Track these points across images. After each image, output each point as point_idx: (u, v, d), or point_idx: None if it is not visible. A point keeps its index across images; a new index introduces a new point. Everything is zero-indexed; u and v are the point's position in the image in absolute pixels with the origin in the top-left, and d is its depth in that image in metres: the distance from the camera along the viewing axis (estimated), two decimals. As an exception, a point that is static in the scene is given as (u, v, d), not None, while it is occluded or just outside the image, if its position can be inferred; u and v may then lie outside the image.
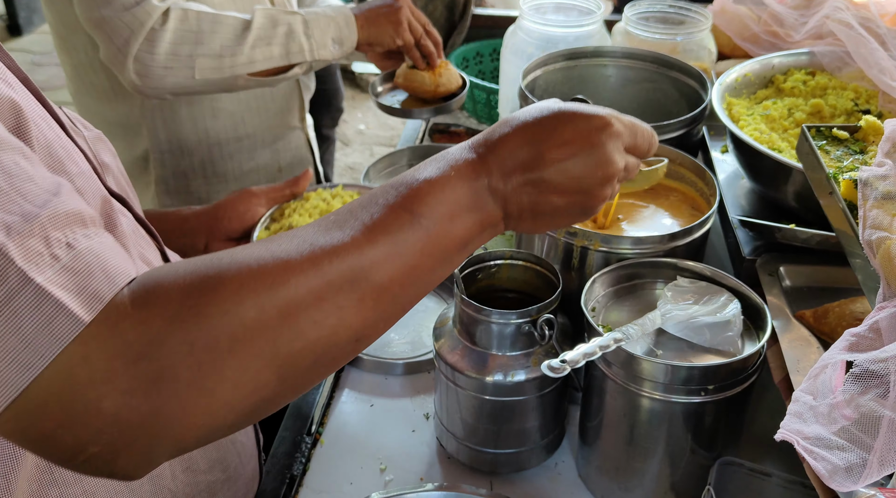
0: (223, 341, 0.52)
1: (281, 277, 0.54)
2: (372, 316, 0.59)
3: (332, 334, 0.56)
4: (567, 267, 1.01)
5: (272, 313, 0.54)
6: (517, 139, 0.66)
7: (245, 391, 0.54)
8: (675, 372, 0.83)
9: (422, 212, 0.61)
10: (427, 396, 1.12)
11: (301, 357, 0.56)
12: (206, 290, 0.53)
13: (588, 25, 1.40)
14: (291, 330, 0.55)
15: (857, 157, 0.80)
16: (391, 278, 0.59)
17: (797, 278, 0.99)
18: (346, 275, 0.57)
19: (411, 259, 0.60)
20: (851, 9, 1.35)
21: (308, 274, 0.55)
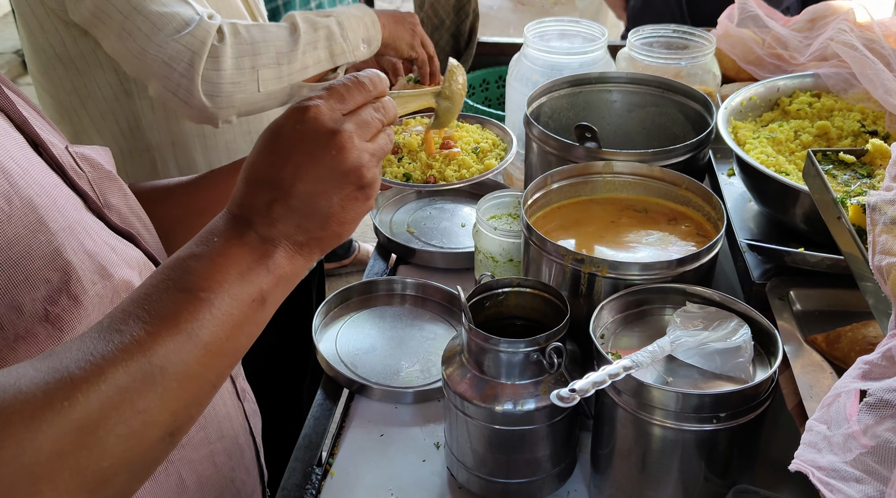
0: (23, 483, 0.49)
1: (68, 397, 0.51)
2: (180, 404, 0.57)
3: (140, 440, 0.54)
4: (575, 294, 1.00)
5: (69, 439, 0.50)
6: (251, 182, 0.66)
7: None
8: (686, 400, 0.82)
9: (203, 288, 0.59)
10: (437, 425, 1.11)
11: (113, 474, 0.53)
12: (14, 420, 0.49)
13: (592, 52, 1.41)
14: (94, 450, 0.52)
15: (864, 181, 0.79)
16: (190, 362, 0.57)
17: (808, 302, 0.98)
18: (138, 376, 0.54)
19: (207, 338, 0.58)
20: (856, 30, 1.35)
21: (97, 387, 0.52)
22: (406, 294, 1.34)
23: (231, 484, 0.92)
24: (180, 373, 0.56)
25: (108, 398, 0.52)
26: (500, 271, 1.23)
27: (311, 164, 0.65)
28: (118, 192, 0.88)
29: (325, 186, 0.66)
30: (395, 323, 1.29)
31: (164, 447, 0.57)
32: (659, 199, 1.15)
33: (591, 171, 1.16)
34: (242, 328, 0.61)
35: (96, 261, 0.70)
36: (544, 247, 1.01)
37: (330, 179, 0.66)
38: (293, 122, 0.66)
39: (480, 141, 1.18)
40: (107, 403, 0.52)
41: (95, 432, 0.52)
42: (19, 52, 5.27)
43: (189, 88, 1.19)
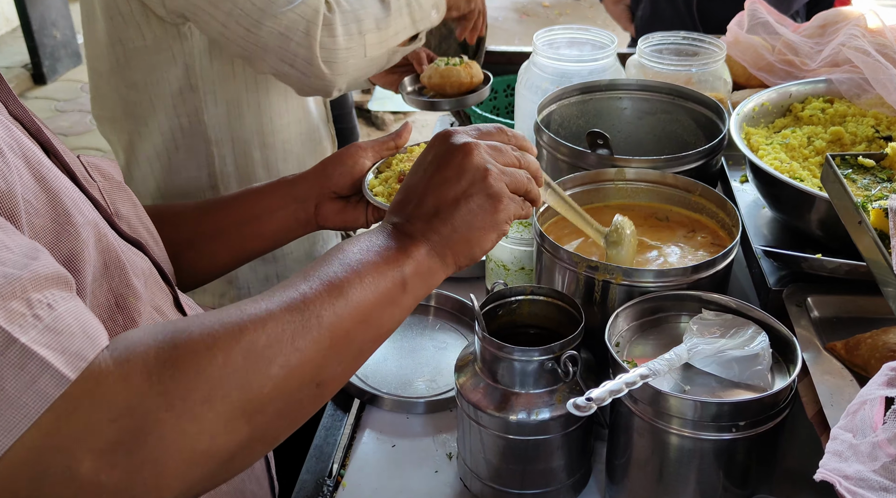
0: (197, 393, 0.55)
1: (243, 328, 0.59)
2: (330, 355, 0.63)
3: (294, 376, 0.61)
4: (589, 301, 0.99)
5: (239, 361, 0.57)
6: (403, 193, 0.78)
7: (220, 441, 0.56)
8: (704, 408, 0.81)
9: (357, 261, 0.69)
10: (450, 435, 1.09)
11: (269, 401, 0.59)
12: (179, 347, 0.56)
13: (602, 59, 1.40)
14: (258, 374, 0.58)
15: (884, 184, 0.78)
16: (342, 321, 0.64)
17: (826, 309, 0.97)
18: (299, 320, 0.62)
19: (357, 303, 0.66)
20: (867, 36, 1.34)
21: (264, 322, 0.60)
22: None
23: (241, 495, 0.91)
24: (333, 326, 0.64)
25: (272, 332, 0.60)
26: (511, 280, 1.22)
27: (441, 170, 0.76)
28: (128, 202, 0.89)
29: (453, 190, 0.75)
30: (405, 333, 1.28)
31: (312, 397, 0.63)
32: (672, 205, 1.14)
33: (604, 178, 1.15)
34: (386, 306, 0.69)
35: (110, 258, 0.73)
36: (557, 254, 1.00)
37: (456, 182, 0.75)
38: (437, 137, 0.78)
39: None
40: (271, 335, 0.60)
41: (262, 358, 0.58)
42: (27, 65, 5.30)
43: (308, 57, 1.21)
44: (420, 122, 4.82)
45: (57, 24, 5.31)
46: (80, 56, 5.64)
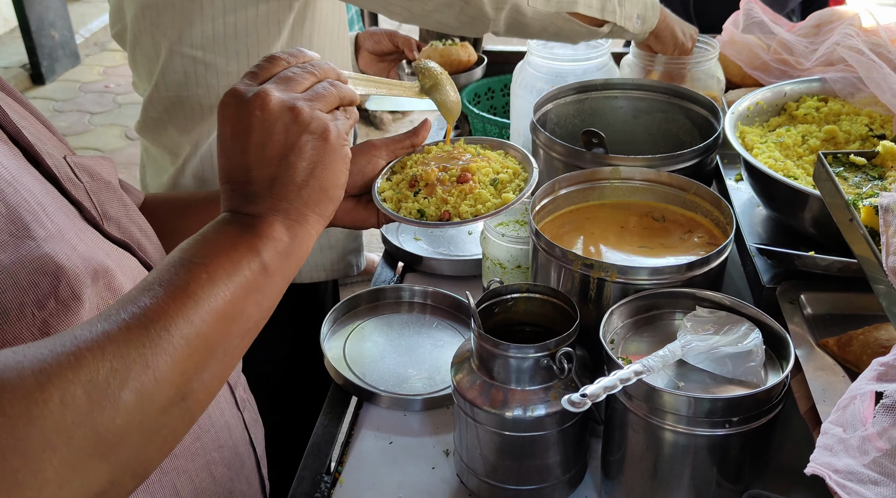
0: (35, 443, 0.48)
1: (76, 355, 0.52)
2: (190, 365, 0.58)
3: (152, 398, 0.55)
4: (584, 299, 1.00)
5: (81, 395, 0.51)
6: (224, 183, 0.71)
7: (75, 486, 0.50)
8: (698, 404, 0.82)
9: (202, 258, 0.62)
10: (446, 432, 1.10)
11: (126, 432, 0.53)
12: (7, 390, 0.49)
13: (596, 58, 1.41)
14: (107, 406, 0.52)
15: (875, 182, 0.79)
16: (196, 325, 0.58)
17: (819, 306, 0.98)
18: (147, 336, 0.56)
19: (212, 301, 0.60)
20: (862, 35, 1.35)
21: (105, 345, 0.53)
22: (414, 302, 1.34)
23: (230, 495, 0.90)
24: (186, 336, 0.57)
25: (116, 355, 0.53)
26: (508, 278, 1.23)
27: (245, 136, 0.68)
28: (117, 203, 0.87)
29: (275, 148, 0.68)
30: (402, 331, 1.29)
31: (180, 415, 0.57)
32: (667, 204, 1.15)
33: (599, 177, 1.16)
34: (248, 298, 0.63)
35: (90, 265, 0.69)
36: (553, 252, 1.01)
37: (272, 138, 0.68)
38: (220, 116, 0.70)
39: (500, 171, 1.08)
40: (116, 359, 0.53)
41: (107, 388, 0.52)
42: (26, 65, 5.31)
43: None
44: (418, 121, 4.83)
45: (55, 25, 5.31)
46: (79, 56, 5.65)
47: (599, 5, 1.31)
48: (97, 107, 5.09)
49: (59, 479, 0.49)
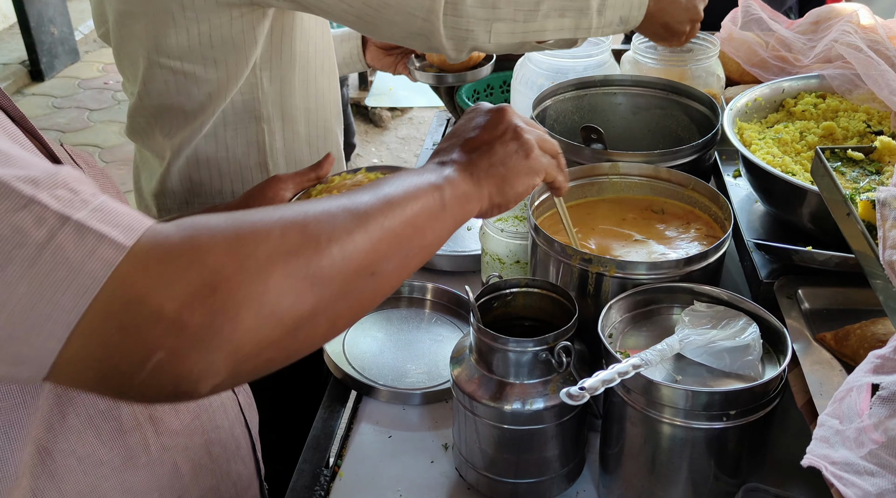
0: (262, 256, 0.58)
1: (303, 214, 0.63)
2: (381, 252, 0.67)
3: (350, 260, 0.64)
4: (583, 294, 1.00)
5: (297, 239, 0.61)
6: (445, 140, 0.86)
7: (286, 303, 0.59)
8: (695, 397, 0.82)
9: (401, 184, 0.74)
10: (445, 427, 1.11)
11: (329, 277, 0.62)
12: (239, 223, 0.60)
13: (597, 55, 1.42)
14: (317, 250, 0.62)
15: (873, 177, 0.79)
16: (393, 224, 0.69)
17: (816, 301, 0.98)
18: (354, 216, 0.66)
19: (405, 212, 0.71)
20: (860, 32, 1.36)
21: (322, 214, 0.64)
22: (413, 297, 1.34)
23: (227, 476, 0.92)
24: (383, 226, 0.68)
25: (330, 221, 0.64)
26: (506, 273, 1.23)
27: (477, 120, 0.86)
28: (112, 190, 0.90)
29: (489, 134, 0.84)
30: (401, 325, 1.29)
31: (366, 286, 0.67)
32: (666, 199, 1.15)
33: (598, 173, 1.16)
34: (428, 218, 0.74)
35: None
36: (552, 247, 1.02)
37: (492, 129, 0.84)
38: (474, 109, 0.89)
39: None
40: (328, 223, 0.64)
41: (318, 238, 0.62)
42: (25, 62, 5.30)
43: (433, 32, 1.21)
44: (417, 118, 4.83)
45: (54, 21, 5.30)
46: (78, 53, 5.64)
47: (572, 27, 1.27)
48: (96, 103, 5.09)
49: (279, 291, 0.58)
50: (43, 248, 0.52)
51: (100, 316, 0.53)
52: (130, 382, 0.55)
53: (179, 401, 0.60)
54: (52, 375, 0.55)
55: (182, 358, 0.55)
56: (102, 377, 0.56)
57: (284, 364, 0.63)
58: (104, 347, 0.54)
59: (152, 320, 0.54)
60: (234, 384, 0.60)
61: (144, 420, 0.81)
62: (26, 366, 0.54)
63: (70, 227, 0.53)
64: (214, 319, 0.55)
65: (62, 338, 0.53)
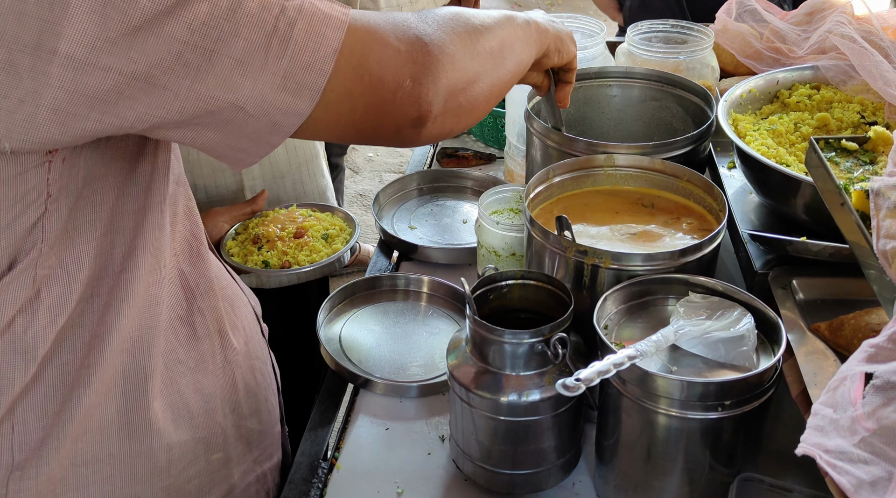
0: (453, 39, 0.80)
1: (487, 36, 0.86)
2: (495, 54, 0.87)
3: (507, 74, 0.90)
4: (578, 285, 1.00)
5: (465, 30, 0.82)
6: None
7: (464, 65, 0.80)
8: (691, 388, 0.83)
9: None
10: (442, 418, 1.11)
11: (487, 53, 0.85)
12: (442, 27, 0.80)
13: (591, 48, 1.41)
14: (479, 37, 0.84)
15: (867, 167, 0.80)
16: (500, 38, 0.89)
17: (810, 291, 0.99)
18: (476, 31, 0.84)
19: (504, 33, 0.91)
20: (854, 23, 1.36)
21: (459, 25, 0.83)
22: (409, 290, 1.35)
23: (266, 403, 1.05)
24: (497, 37, 0.88)
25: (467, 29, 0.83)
26: (502, 265, 1.23)
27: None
28: None
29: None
30: (398, 318, 1.29)
31: (503, 65, 0.90)
32: (661, 191, 1.16)
33: (593, 165, 1.16)
34: (529, 35, 0.97)
35: None
36: (547, 239, 1.02)
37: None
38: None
39: (329, 228, 1.43)
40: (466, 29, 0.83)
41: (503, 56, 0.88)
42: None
43: None
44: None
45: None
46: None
47: None
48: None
49: (460, 58, 0.80)
50: (300, 9, 0.68)
51: (358, 47, 0.71)
52: (384, 108, 0.74)
53: (417, 129, 0.78)
54: (321, 105, 0.71)
55: (419, 83, 0.75)
56: (365, 88, 0.73)
57: (476, 111, 0.85)
58: (364, 79, 0.72)
59: (399, 55, 0.74)
60: (447, 121, 0.80)
61: (214, 331, 0.95)
62: (302, 96, 0.69)
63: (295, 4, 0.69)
64: (434, 64, 0.76)
65: (328, 70, 0.69)
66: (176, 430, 0.90)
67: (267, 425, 1.05)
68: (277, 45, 0.67)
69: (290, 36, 0.67)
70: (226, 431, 0.97)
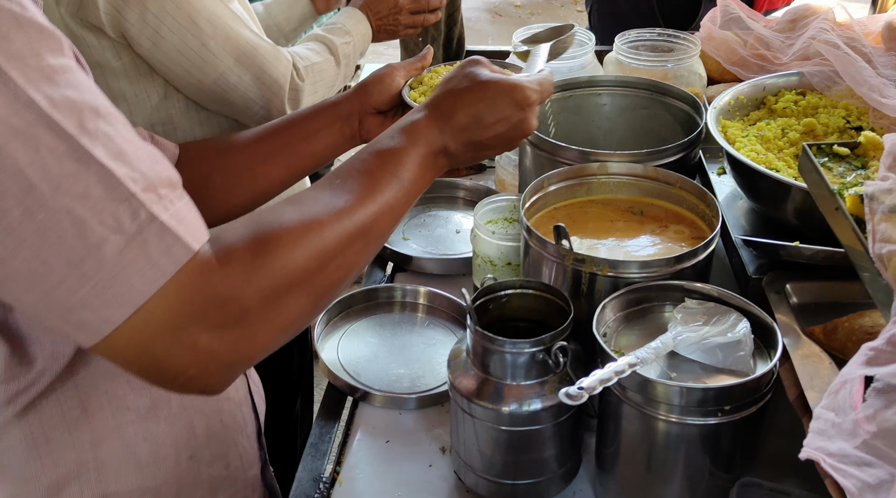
0: (283, 286, 0.69)
1: (316, 232, 0.73)
2: (371, 253, 0.80)
3: (348, 272, 0.76)
4: (576, 293, 1.01)
5: (313, 262, 0.72)
6: (463, 110, 0.88)
7: (293, 318, 0.71)
8: (690, 394, 0.84)
9: (402, 175, 0.83)
10: (442, 429, 1.11)
11: (329, 290, 0.75)
12: (268, 248, 0.69)
13: (580, 57, 1.43)
14: (325, 273, 0.73)
15: (859, 172, 0.81)
16: (384, 226, 0.80)
17: (804, 295, 1.00)
18: (359, 227, 0.76)
19: (396, 210, 0.82)
20: (837, 29, 1.38)
21: (335, 229, 0.74)
22: (406, 301, 1.35)
23: (235, 446, 0.98)
24: (378, 231, 0.79)
25: (342, 239, 0.74)
26: (498, 275, 1.24)
27: (509, 132, 0.90)
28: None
29: (498, 145, 0.91)
30: (395, 330, 1.29)
31: (352, 281, 0.79)
32: (654, 198, 1.17)
33: (587, 173, 1.17)
34: (411, 202, 0.85)
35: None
36: (545, 248, 1.02)
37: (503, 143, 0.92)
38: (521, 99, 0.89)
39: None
40: (340, 242, 0.74)
41: (330, 261, 0.73)
42: None
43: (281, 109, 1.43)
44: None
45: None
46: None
47: (343, 79, 1.55)
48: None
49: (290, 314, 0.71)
50: (132, 239, 0.62)
51: (151, 324, 0.63)
52: (166, 385, 0.67)
53: (205, 395, 0.71)
54: (102, 346, 0.64)
55: (210, 376, 0.67)
56: (146, 377, 0.66)
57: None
58: (149, 357, 0.64)
59: (188, 348, 0.64)
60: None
61: None
62: (84, 332, 0.63)
63: (156, 225, 0.63)
64: (239, 345, 0.67)
65: (125, 316, 0.62)
66: (117, 480, 0.86)
67: (236, 470, 0.99)
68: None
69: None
70: (181, 479, 0.91)
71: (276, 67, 1.39)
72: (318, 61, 1.47)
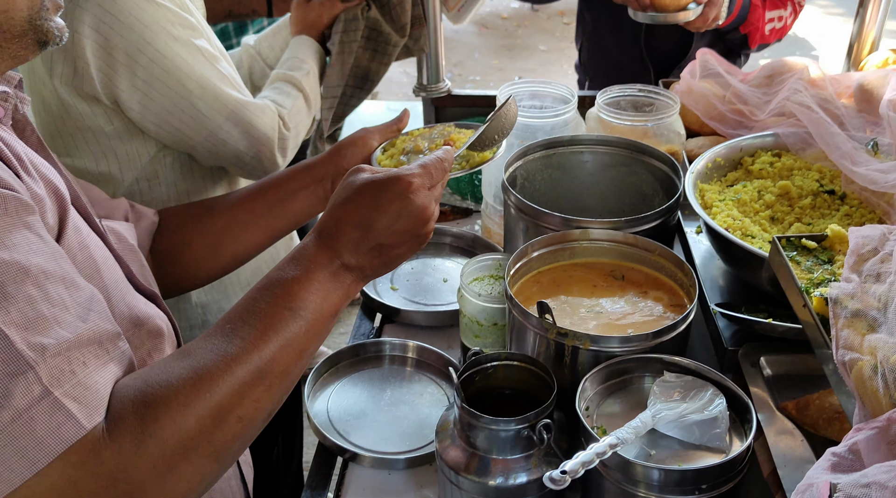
0: (177, 453, 0.66)
1: (207, 388, 0.70)
2: (278, 395, 0.77)
3: (252, 421, 0.73)
4: (559, 364, 1.05)
5: (208, 420, 0.69)
6: (348, 222, 0.86)
7: (196, 482, 0.69)
8: (668, 475, 0.88)
9: (298, 306, 0.79)
10: (430, 491, 1.14)
11: (232, 444, 0.72)
12: (157, 413, 0.67)
13: (563, 114, 1.47)
14: (223, 429, 0.70)
15: (825, 267, 0.85)
16: (287, 363, 0.77)
17: (778, 367, 1.04)
18: (255, 373, 0.73)
19: (299, 344, 0.78)
20: (810, 89, 1.43)
21: (227, 380, 0.71)
22: (394, 355, 1.38)
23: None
24: (281, 370, 0.76)
25: (235, 390, 0.71)
26: (485, 334, 1.27)
27: (404, 223, 0.87)
28: (136, 263, 0.99)
29: (405, 240, 0.88)
30: (384, 386, 1.32)
31: (264, 424, 0.76)
32: (634, 263, 1.21)
33: (569, 239, 1.21)
34: (320, 336, 0.82)
35: (133, 313, 0.86)
36: (528, 320, 1.06)
37: (411, 235, 0.89)
38: (400, 187, 0.87)
39: None
40: (234, 393, 0.71)
41: (226, 416, 0.70)
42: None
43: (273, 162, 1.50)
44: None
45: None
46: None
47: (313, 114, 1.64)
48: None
49: (189, 478, 0.68)
50: (19, 416, 0.60)
51: (43, 485, 0.61)
52: None
53: None
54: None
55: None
56: None
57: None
58: None
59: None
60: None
61: None
62: None
63: (48, 401, 0.61)
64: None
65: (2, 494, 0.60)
66: None
67: None
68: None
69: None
70: None
71: (264, 121, 1.44)
72: (294, 104, 1.54)
